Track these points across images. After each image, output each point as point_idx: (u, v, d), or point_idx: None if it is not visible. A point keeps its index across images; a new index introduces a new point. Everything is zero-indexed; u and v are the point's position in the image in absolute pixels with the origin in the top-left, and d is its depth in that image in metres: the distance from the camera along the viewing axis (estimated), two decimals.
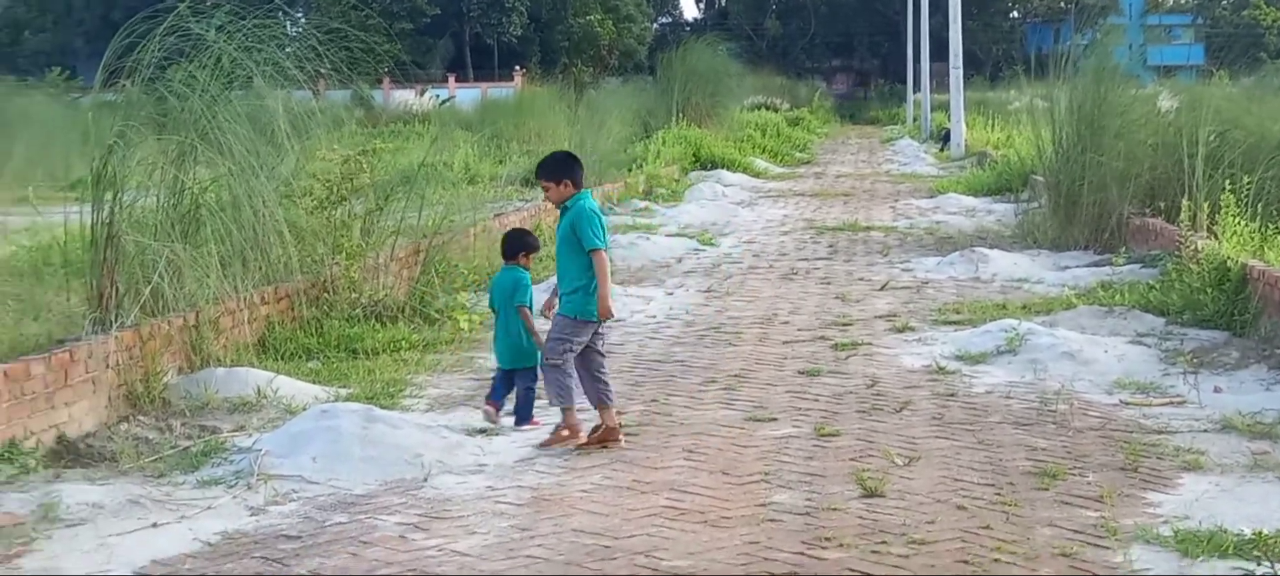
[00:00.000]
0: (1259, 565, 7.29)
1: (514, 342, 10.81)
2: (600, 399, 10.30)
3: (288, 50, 15.07)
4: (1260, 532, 7.61)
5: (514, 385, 10.84)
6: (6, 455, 9.41)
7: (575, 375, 10.22)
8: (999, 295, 16.86)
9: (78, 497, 8.85)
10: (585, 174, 10.78)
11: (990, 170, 34.30)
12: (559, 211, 10.57)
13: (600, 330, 10.42)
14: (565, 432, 10.18)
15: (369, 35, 16.57)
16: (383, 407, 10.81)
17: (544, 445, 10.14)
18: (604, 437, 10.18)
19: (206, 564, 7.80)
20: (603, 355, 10.50)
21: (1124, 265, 18.24)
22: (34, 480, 9.22)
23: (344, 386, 12.10)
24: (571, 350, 10.18)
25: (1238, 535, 7.69)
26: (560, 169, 10.57)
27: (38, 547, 8.05)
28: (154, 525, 8.44)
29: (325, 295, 14.51)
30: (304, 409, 10.91)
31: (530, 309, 10.92)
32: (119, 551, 7.97)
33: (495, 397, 10.86)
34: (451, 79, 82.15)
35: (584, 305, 10.18)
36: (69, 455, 9.87)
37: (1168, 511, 8.39)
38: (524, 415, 10.79)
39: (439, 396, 11.85)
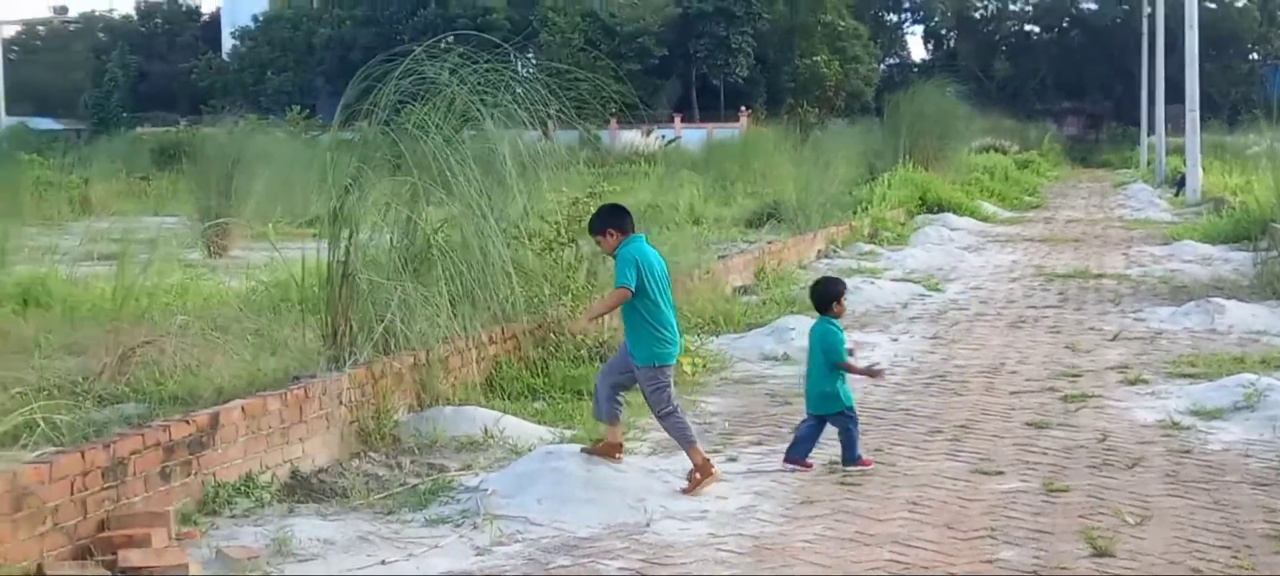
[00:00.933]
0: None
1: (819, 389, 10.98)
2: (613, 417, 10.46)
3: (517, 92, 15.27)
4: None
5: (820, 432, 10.98)
6: (243, 488, 9.71)
7: (686, 417, 10.62)
8: (1236, 348, 16.37)
9: (310, 532, 9.06)
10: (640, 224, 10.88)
11: (1228, 217, 33.39)
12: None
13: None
14: (698, 476, 10.21)
15: (597, 76, 16.73)
16: None
17: (687, 492, 10.13)
18: (605, 450, 10.35)
19: None
20: (629, 386, 10.59)
21: None
22: (269, 513, 9.49)
23: (568, 427, 12.20)
24: (669, 393, 10.39)
25: None
26: (602, 221, 10.77)
27: None
28: (382, 563, 8.61)
29: (551, 336, 14.65)
30: (529, 449, 11.04)
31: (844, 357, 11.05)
32: None
33: (799, 445, 10.99)
34: (677, 119, 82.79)
35: (655, 351, 10.31)
36: (302, 489, 10.11)
37: None
38: (851, 455, 10.88)
39: (661, 440, 11.83)
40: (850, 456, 10.85)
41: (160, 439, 9.10)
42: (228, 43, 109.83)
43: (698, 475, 10.20)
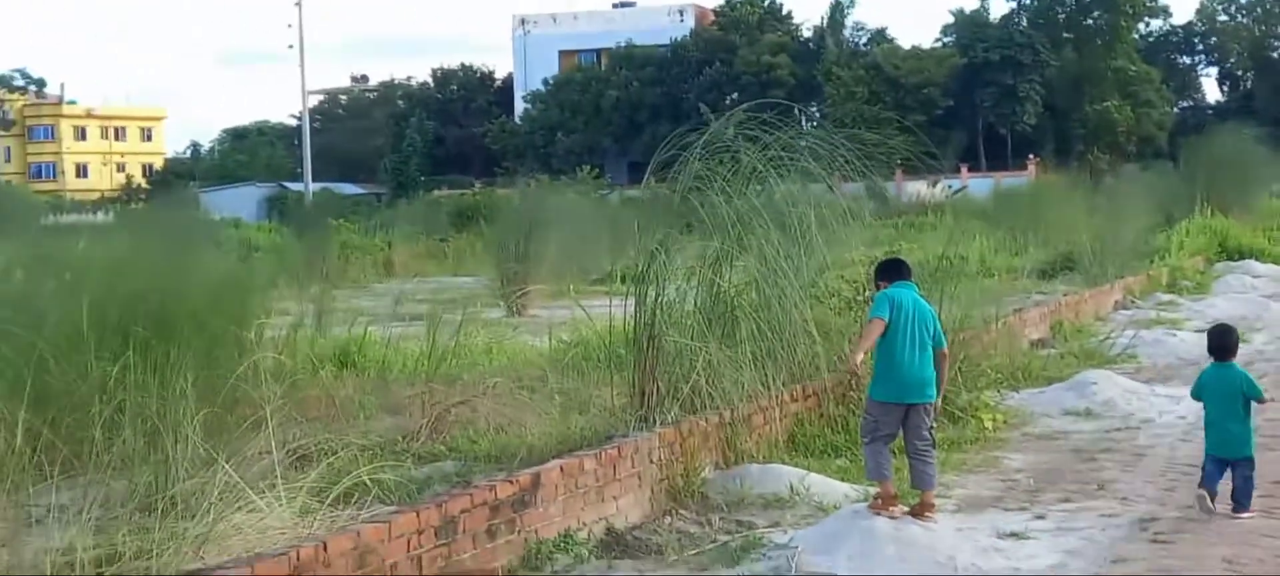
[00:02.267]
0: None
1: (1220, 433, 11.15)
2: (914, 480, 10.73)
3: (803, 145, 15.35)
4: None
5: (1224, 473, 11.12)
6: (562, 546, 9.93)
7: (885, 453, 10.75)
8: None
9: None
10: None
11: None
12: None
13: (920, 413, 10.71)
14: (878, 502, 10.47)
15: (882, 128, 16.75)
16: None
17: (871, 508, 10.50)
18: (916, 511, 10.52)
19: None
20: (925, 438, 10.72)
21: None
22: (588, 569, 9.73)
23: (862, 488, 12.27)
24: (877, 431, 10.73)
25: None
26: (878, 273, 11.55)
27: None
28: None
29: (851, 392, 14.70)
30: (835, 507, 11.11)
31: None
32: None
33: (1207, 483, 11.10)
34: (964, 169, 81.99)
35: (875, 387, 10.81)
36: (618, 546, 10.33)
37: None
38: (1242, 503, 10.97)
39: (966, 497, 11.89)
40: (1244, 505, 10.94)
41: (487, 498, 9.41)
42: (520, 106, 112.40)
43: (880, 501, 10.50)
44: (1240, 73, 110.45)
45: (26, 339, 10.68)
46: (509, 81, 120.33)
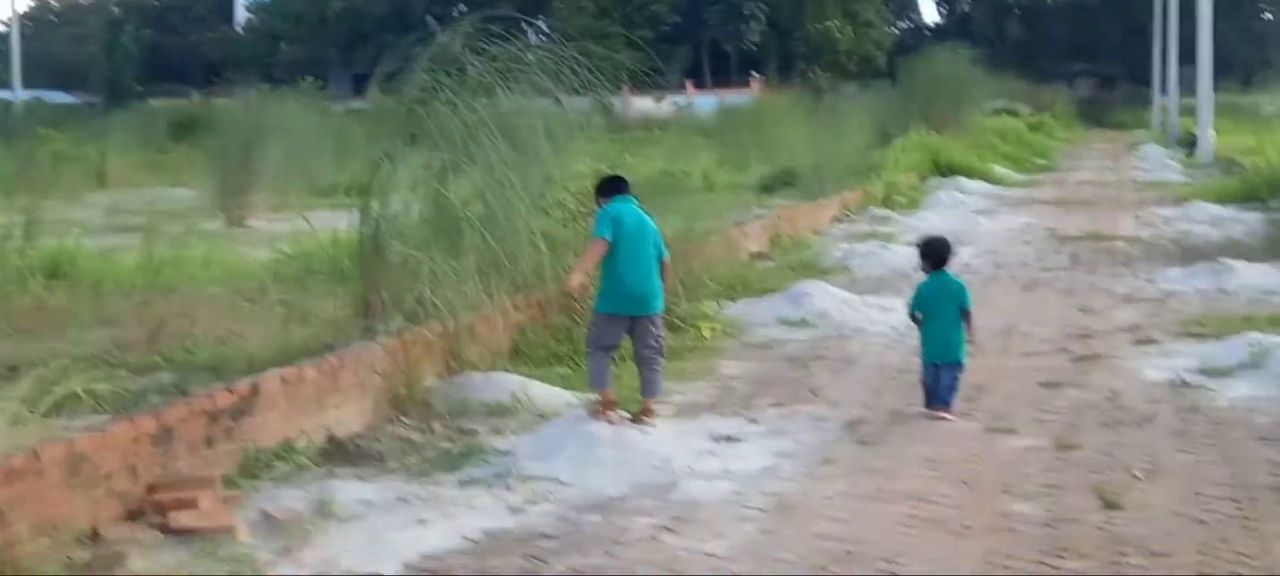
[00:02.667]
0: None
1: (940, 339, 11.62)
2: (642, 387, 11.27)
3: (531, 59, 15.42)
4: None
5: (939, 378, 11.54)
6: (282, 454, 9.96)
7: (607, 361, 11.23)
8: (1245, 308, 16.63)
9: (349, 494, 9.32)
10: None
11: (1239, 178, 33.62)
12: None
13: (646, 324, 11.18)
14: (599, 408, 10.91)
15: (610, 43, 16.86)
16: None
17: (592, 414, 10.90)
18: (636, 416, 10.96)
19: (474, 560, 8.23)
20: (652, 347, 11.21)
21: None
22: (308, 477, 9.72)
23: (585, 396, 12.47)
24: (601, 341, 11.20)
25: None
26: (598, 190, 11.85)
27: (316, 541, 8.54)
28: (421, 521, 8.89)
29: (575, 302, 14.89)
30: (556, 414, 11.32)
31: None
32: (391, 546, 8.43)
33: (941, 400, 11.60)
34: (690, 85, 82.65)
35: (600, 299, 11.28)
36: (339, 454, 10.35)
37: None
38: (947, 401, 11.51)
39: (684, 403, 12.16)
40: (949, 403, 11.51)
41: (206, 407, 9.41)
42: (241, 15, 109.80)
43: (601, 407, 10.90)
44: None
45: None
46: None
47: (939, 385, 11.50)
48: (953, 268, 12.37)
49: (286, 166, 30.86)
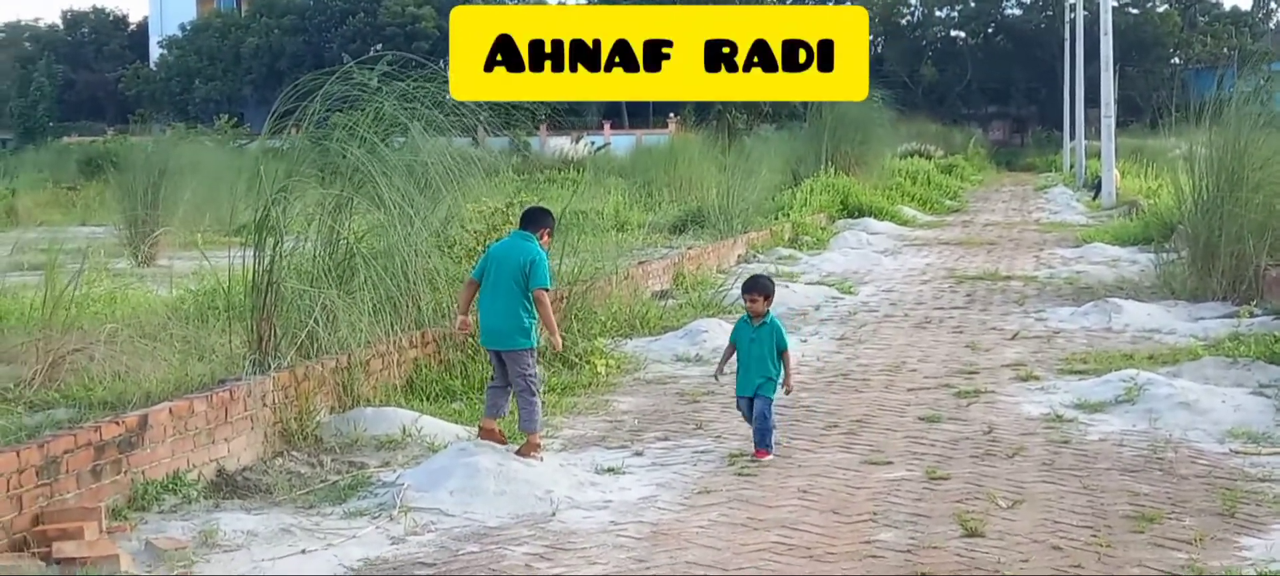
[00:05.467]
0: None
1: (766, 375, 11.75)
2: (520, 422, 11.44)
3: (445, 99, 15.52)
4: None
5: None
6: (170, 486, 10.04)
7: (497, 396, 11.48)
8: (1128, 345, 16.99)
9: (235, 525, 9.44)
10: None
11: (1139, 220, 34.04)
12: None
13: (509, 359, 11.32)
14: (480, 432, 11.30)
15: None
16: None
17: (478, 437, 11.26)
18: (522, 450, 11.08)
19: None
20: (519, 384, 11.30)
21: (1257, 317, 18.20)
22: (195, 509, 9.83)
23: (472, 428, 12.59)
24: (492, 376, 11.61)
25: None
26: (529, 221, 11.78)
27: (198, 570, 8.66)
28: (303, 552, 9.03)
29: (470, 339, 14.97)
30: (445, 446, 11.44)
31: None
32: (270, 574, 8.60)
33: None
34: (607, 126, 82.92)
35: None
36: (227, 487, 10.47)
37: (1257, 555, 8.67)
38: (756, 440, 11.65)
39: (573, 436, 12.36)
40: (766, 443, 11.59)
41: (92, 438, 9.47)
42: (155, 52, 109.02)
43: (481, 432, 11.27)
44: (872, 38, 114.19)
45: None
46: (144, 26, 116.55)
47: (754, 421, 11.63)
48: (849, 305, 12.59)
49: (198, 204, 30.80)
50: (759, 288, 12.08)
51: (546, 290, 11.24)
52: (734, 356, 12.03)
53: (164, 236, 28.24)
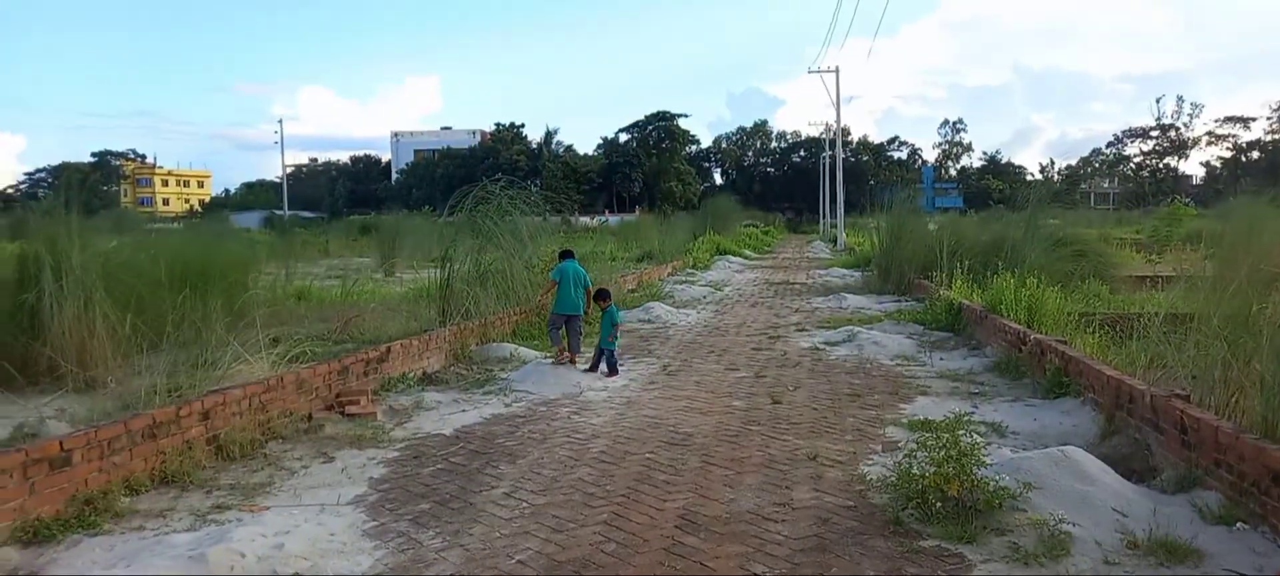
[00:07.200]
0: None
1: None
2: (568, 346, 11.01)
3: (532, 197, 15.46)
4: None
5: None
6: (400, 380, 9.97)
7: (557, 335, 11.15)
8: (849, 316, 16.74)
9: (432, 398, 9.39)
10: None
11: (853, 256, 34.08)
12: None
13: (576, 321, 11.02)
14: (555, 356, 10.82)
15: (568, 192, 16.88)
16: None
17: (554, 361, 10.61)
18: (567, 360, 10.70)
19: (485, 426, 8.29)
20: (576, 331, 11.06)
21: (909, 302, 18.07)
22: (412, 391, 9.73)
23: (547, 355, 12.52)
24: (554, 327, 11.16)
25: (938, 421, 7.99)
26: (560, 256, 11.61)
27: (413, 419, 8.62)
28: (463, 410, 8.97)
29: (541, 310, 14.97)
30: (526, 362, 11.33)
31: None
32: (449, 421, 8.51)
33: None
34: (607, 211, 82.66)
35: (555, 307, 11.23)
36: (427, 380, 10.36)
37: (908, 412, 8.65)
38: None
39: (586, 357, 12.23)
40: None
41: (364, 357, 9.46)
42: (394, 176, 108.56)
43: (556, 354, 10.86)
44: (731, 170, 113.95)
45: (132, 282, 10.17)
46: (389, 165, 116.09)
47: (608, 360, 10.57)
48: (720, 296, 12.43)
49: (414, 247, 30.52)
50: (604, 295, 11.46)
51: (589, 287, 11.33)
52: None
53: (398, 262, 28.04)
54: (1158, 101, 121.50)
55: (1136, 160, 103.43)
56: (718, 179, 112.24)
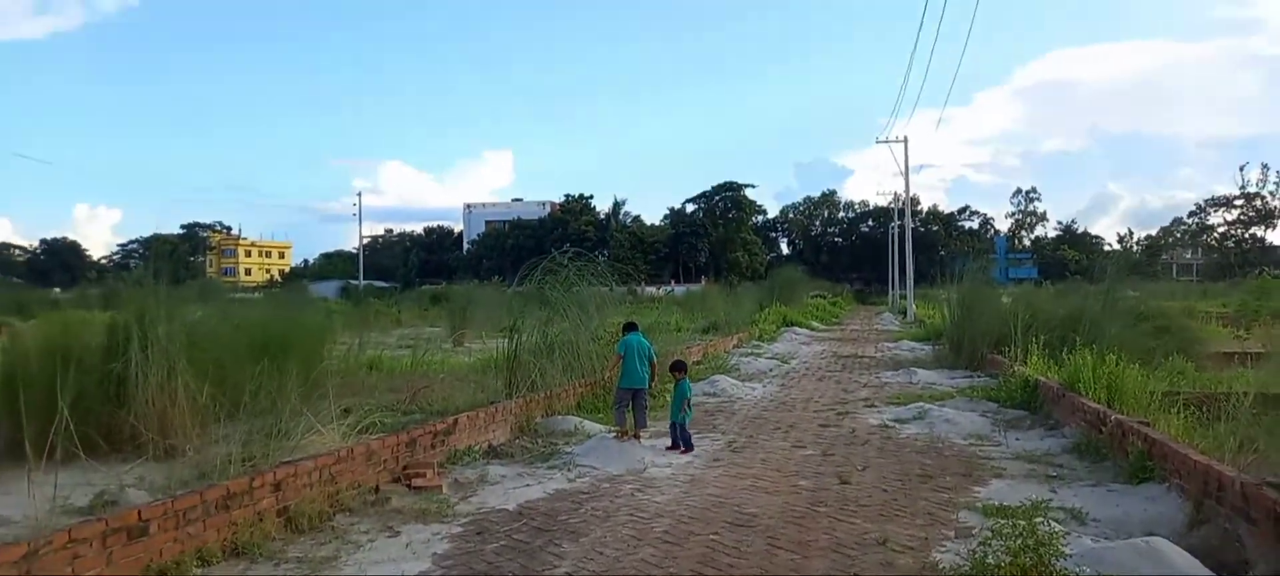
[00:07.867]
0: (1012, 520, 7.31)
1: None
2: (635, 422, 10.99)
3: (599, 268, 15.45)
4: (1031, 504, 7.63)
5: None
6: (466, 453, 9.98)
7: (622, 412, 11.11)
8: (920, 390, 16.38)
9: (496, 471, 9.39)
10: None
11: (923, 328, 33.38)
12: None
13: (641, 394, 11.00)
14: (618, 434, 10.77)
15: (635, 262, 17.01)
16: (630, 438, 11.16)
17: (615, 437, 10.54)
18: (632, 436, 10.65)
19: (548, 502, 8.26)
20: (641, 405, 11.03)
21: (981, 378, 17.63)
22: (477, 464, 9.76)
23: (611, 429, 12.46)
24: (619, 402, 11.14)
25: (1014, 507, 7.67)
26: (622, 329, 11.68)
27: (478, 493, 8.63)
28: (527, 484, 8.95)
29: (606, 382, 14.92)
30: (591, 436, 11.26)
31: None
32: (513, 496, 8.49)
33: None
34: (673, 282, 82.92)
35: (621, 381, 11.19)
36: (493, 453, 10.39)
37: (982, 496, 8.36)
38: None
39: (654, 431, 12.13)
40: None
41: (432, 428, 9.53)
42: (466, 246, 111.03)
43: (617, 433, 10.81)
44: (797, 239, 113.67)
45: (213, 351, 10.49)
46: (461, 235, 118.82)
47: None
48: (782, 371, 12.24)
49: (483, 317, 30.96)
50: (680, 367, 11.46)
51: (654, 359, 11.34)
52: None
53: (468, 332, 28.46)
54: (1242, 169, 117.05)
55: (1221, 230, 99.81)
56: (784, 249, 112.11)
